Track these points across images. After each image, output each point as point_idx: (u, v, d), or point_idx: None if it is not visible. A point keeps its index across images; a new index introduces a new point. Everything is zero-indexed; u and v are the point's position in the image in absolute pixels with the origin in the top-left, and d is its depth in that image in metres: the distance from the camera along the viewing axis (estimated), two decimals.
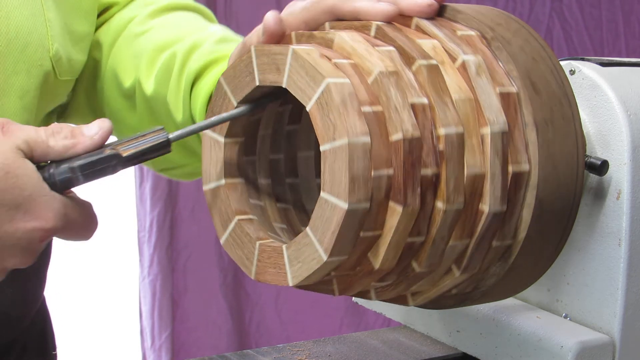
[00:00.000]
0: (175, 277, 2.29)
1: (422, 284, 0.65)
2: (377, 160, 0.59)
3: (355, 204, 0.58)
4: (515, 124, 0.63)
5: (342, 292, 0.65)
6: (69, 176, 0.62)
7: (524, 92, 0.64)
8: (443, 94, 0.62)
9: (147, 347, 2.29)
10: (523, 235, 0.65)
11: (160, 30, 0.86)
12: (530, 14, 2.52)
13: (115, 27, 0.89)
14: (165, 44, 0.84)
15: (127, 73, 0.86)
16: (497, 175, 0.62)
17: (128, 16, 0.89)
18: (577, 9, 2.54)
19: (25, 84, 0.78)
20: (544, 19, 2.52)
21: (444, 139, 0.61)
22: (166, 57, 0.83)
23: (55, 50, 0.80)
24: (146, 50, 0.85)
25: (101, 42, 0.89)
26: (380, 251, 0.61)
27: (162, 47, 0.85)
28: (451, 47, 0.64)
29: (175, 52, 0.83)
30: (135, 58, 0.86)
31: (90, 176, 0.62)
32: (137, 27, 0.88)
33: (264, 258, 0.64)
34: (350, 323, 2.41)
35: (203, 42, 0.83)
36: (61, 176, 0.61)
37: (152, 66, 0.84)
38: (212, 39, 0.83)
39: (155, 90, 0.84)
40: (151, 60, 0.85)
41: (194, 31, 0.85)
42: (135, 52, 0.86)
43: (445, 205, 0.61)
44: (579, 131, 0.66)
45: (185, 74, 0.82)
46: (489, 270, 0.67)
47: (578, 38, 2.54)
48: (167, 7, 0.90)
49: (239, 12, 2.28)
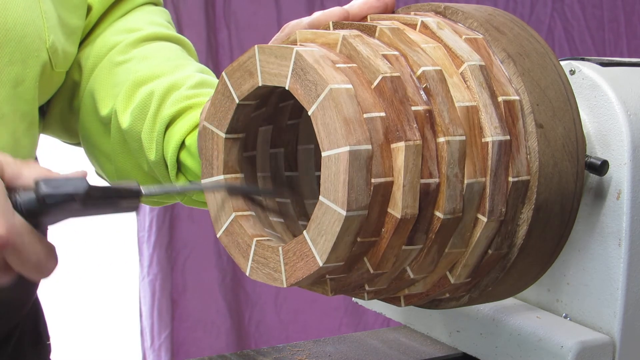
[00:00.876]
0: (175, 276, 2.29)
1: (455, 242, 0.64)
2: (365, 104, 0.60)
3: (356, 145, 0.58)
4: (491, 63, 0.65)
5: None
6: (30, 197, 0.60)
7: (489, 35, 0.66)
8: (412, 45, 0.64)
9: (146, 346, 2.29)
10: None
11: (141, 62, 0.88)
12: (531, 14, 2.52)
13: (97, 52, 0.90)
14: (144, 79, 0.87)
15: (104, 101, 0.88)
16: (489, 105, 0.63)
17: (111, 42, 0.91)
18: (579, 9, 2.54)
19: (20, 73, 0.79)
20: (545, 19, 2.52)
21: (424, 75, 0.62)
22: (144, 95, 0.85)
23: (52, 42, 0.81)
24: (126, 82, 0.87)
25: (82, 65, 0.91)
26: (397, 198, 0.60)
27: (140, 82, 0.86)
28: (409, 17, 0.68)
29: (153, 91, 0.85)
30: (114, 87, 0.87)
31: (53, 207, 0.61)
32: (119, 55, 0.89)
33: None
34: (349, 323, 2.41)
35: (181, 84, 0.85)
36: (25, 199, 0.60)
37: (129, 100, 0.86)
38: (190, 82, 0.85)
39: (130, 125, 0.85)
40: (129, 94, 0.86)
41: (173, 69, 0.87)
42: (114, 81, 0.88)
43: (446, 137, 0.61)
44: (578, 127, 0.66)
45: (160, 116, 0.84)
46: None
47: (580, 38, 2.54)
48: (151, 36, 0.91)
49: (237, 11, 2.28)
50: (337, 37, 0.63)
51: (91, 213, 0.62)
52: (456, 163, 0.61)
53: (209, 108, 0.67)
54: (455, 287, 0.66)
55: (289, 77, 0.61)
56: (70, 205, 0.61)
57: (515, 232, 0.65)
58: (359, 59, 0.62)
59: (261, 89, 0.64)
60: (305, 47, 0.63)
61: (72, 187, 0.61)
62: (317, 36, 0.65)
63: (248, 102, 0.65)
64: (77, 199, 0.61)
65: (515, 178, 0.63)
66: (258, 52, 0.63)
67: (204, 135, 0.68)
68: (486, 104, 0.63)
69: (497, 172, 0.63)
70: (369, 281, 0.64)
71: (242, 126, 0.67)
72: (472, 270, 0.65)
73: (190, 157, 0.82)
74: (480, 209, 0.63)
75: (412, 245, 0.62)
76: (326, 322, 2.40)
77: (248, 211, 0.67)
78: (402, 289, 0.67)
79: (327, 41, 0.64)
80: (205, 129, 0.67)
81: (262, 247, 0.64)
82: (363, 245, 0.61)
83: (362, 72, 0.61)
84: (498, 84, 0.64)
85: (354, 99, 0.59)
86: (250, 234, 0.65)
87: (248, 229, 0.65)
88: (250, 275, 0.64)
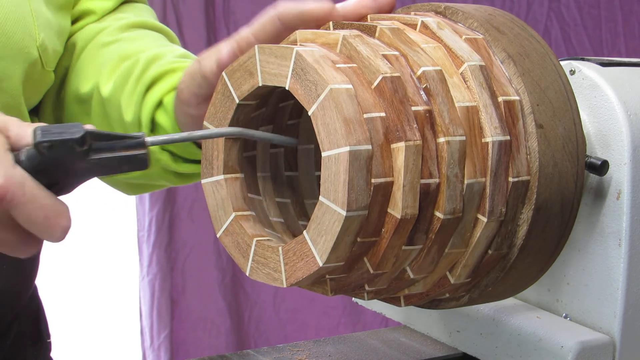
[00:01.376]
0: (174, 276, 2.29)
1: (455, 242, 0.64)
2: (365, 104, 0.60)
3: (356, 145, 0.58)
4: (491, 63, 0.65)
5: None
6: (32, 152, 0.59)
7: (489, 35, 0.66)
8: (412, 45, 0.64)
9: (146, 346, 2.30)
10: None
11: (128, 42, 0.89)
12: (527, 13, 2.52)
13: (86, 36, 0.91)
14: (130, 54, 0.87)
15: (88, 78, 0.88)
16: (489, 105, 0.63)
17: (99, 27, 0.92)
18: (576, 9, 2.54)
19: (7, 69, 0.79)
20: (541, 19, 2.53)
21: (425, 75, 0.62)
22: (128, 64, 0.86)
23: (42, 40, 0.82)
24: (111, 59, 0.88)
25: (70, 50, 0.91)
26: (397, 199, 0.60)
27: (126, 56, 0.87)
28: (409, 17, 0.68)
29: (138, 60, 0.86)
30: (99, 66, 0.88)
31: (53, 157, 0.59)
32: (106, 37, 0.90)
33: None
34: (348, 322, 2.41)
35: (166, 54, 0.86)
36: (26, 154, 0.59)
37: (113, 72, 0.87)
38: (175, 52, 0.87)
39: (112, 92, 0.86)
40: (114, 67, 0.87)
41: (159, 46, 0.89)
42: (100, 61, 0.89)
43: (446, 138, 0.61)
44: (578, 127, 0.66)
45: (143, 79, 0.84)
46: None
47: (576, 38, 2.54)
48: (138, 23, 0.93)
49: (236, 10, 2.28)
50: (337, 37, 0.63)
51: (97, 168, 0.60)
52: (456, 163, 0.61)
53: (209, 108, 0.67)
54: (455, 287, 0.66)
55: (289, 77, 0.61)
56: (71, 155, 0.59)
57: (515, 232, 0.65)
58: (359, 59, 0.62)
59: (261, 89, 0.64)
60: (305, 47, 0.63)
61: (68, 132, 0.59)
62: (317, 36, 0.65)
63: (248, 102, 0.65)
64: (74, 144, 0.59)
65: (515, 178, 0.63)
66: (258, 52, 0.63)
67: None
68: (486, 104, 0.63)
69: (497, 172, 0.63)
70: (369, 281, 0.64)
71: (242, 126, 0.67)
72: (472, 271, 0.65)
73: (165, 115, 0.82)
74: (480, 209, 0.63)
75: (412, 245, 0.62)
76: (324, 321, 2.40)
77: (248, 211, 0.67)
78: (402, 289, 0.67)
79: (327, 41, 0.64)
80: (205, 128, 0.67)
81: (262, 247, 0.64)
82: (363, 245, 0.61)
83: (362, 72, 0.61)
84: (498, 84, 0.64)
85: (354, 99, 0.59)
86: (250, 234, 0.65)
87: (248, 229, 0.65)
88: (250, 275, 0.64)
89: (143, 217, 2.25)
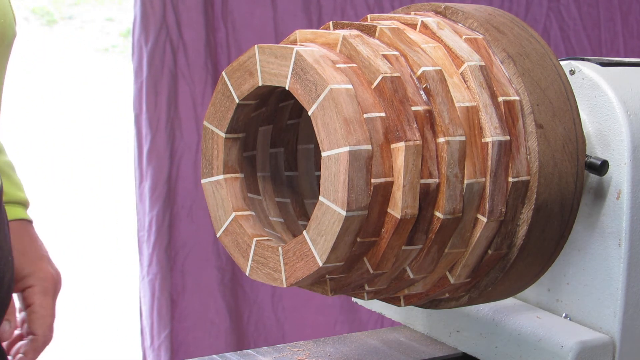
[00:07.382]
0: (174, 276, 2.29)
1: (455, 242, 0.64)
2: (365, 105, 0.60)
3: (356, 145, 0.58)
4: (491, 63, 0.65)
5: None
6: None
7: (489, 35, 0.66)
8: (412, 45, 0.64)
9: (146, 346, 2.29)
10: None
11: None
12: (526, 13, 2.52)
13: None
14: None
15: None
16: (489, 105, 0.63)
17: None
18: (575, 9, 2.54)
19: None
20: (541, 19, 2.52)
21: (424, 75, 0.62)
22: None
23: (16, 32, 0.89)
24: None
25: None
26: (396, 199, 0.60)
27: None
28: (409, 17, 0.68)
29: None
30: None
31: None
32: None
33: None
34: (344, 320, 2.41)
35: None
36: None
37: None
38: None
39: None
40: None
41: None
42: None
43: (446, 138, 0.61)
44: (578, 127, 0.66)
45: None
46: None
47: (575, 38, 2.54)
48: None
49: (234, 11, 2.28)
50: (337, 37, 0.63)
51: None
52: (456, 163, 0.61)
53: (209, 108, 0.67)
54: (455, 287, 0.66)
55: (289, 77, 0.61)
56: None
57: (515, 232, 0.65)
58: (359, 59, 0.62)
59: (261, 89, 0.64)
60: (305, 47, 0.63)
61: None
62: (317, 36, 0.65)
63: (248, 102, 0.65)
64: None
65: (515, 178, 0.63)
66: (258, 52, 0.63)
67: (204, 135, 0.68)
68: (486, 104, 0.63)
69: (497, 173, 0.63)
70: (368, 281, 0.64)
71: (242, 126, 0.67)
72: (472, 271, 0.65)
73: None
74: (480, 209, 0.63)
75: (412, 245, 0.62)
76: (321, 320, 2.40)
77: (248, 211, 0.67)
78: (402, 289, 0.67)
79: (327, 41, 0.64)
80: (206, 128, 0.67)
81: (262, 247, 0.64)
82: (363, 245, 0.61)
83: (362, 72, 0.61)
84: (498, 84, 0.64)
85: (354, 99, 0.59)
86: (250, 233, 0.65)
87: (248, 228, 0.65)
88: (250, 275, 0.64)
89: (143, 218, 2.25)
